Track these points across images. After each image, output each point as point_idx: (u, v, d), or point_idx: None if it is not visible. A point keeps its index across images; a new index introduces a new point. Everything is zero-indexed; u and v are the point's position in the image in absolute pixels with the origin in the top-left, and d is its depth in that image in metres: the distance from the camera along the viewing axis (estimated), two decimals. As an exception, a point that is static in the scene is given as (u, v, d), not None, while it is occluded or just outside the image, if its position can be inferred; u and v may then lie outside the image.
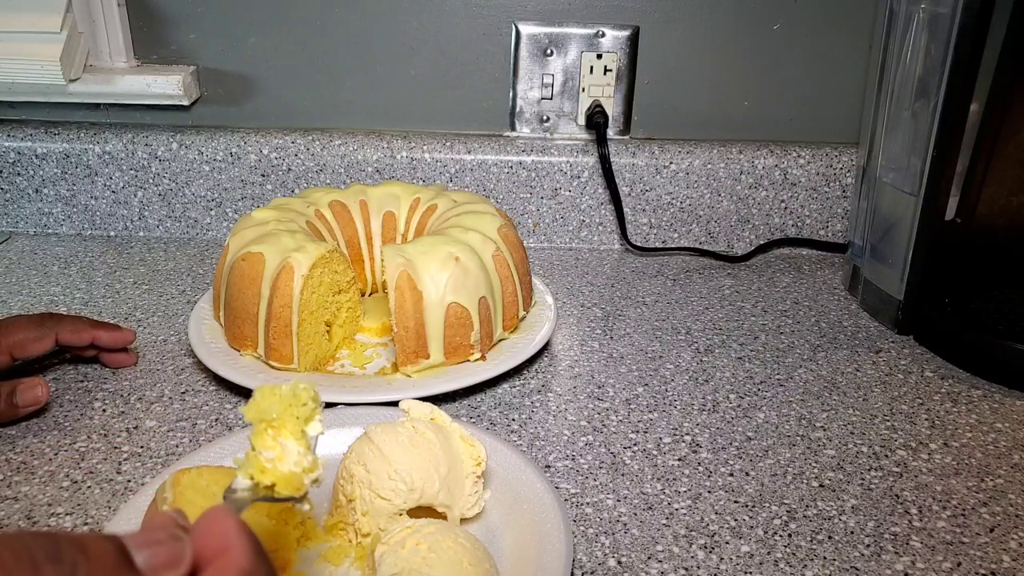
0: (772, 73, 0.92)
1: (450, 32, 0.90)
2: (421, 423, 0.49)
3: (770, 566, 0.48)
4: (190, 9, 0.89)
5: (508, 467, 0.52)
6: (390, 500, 0.46)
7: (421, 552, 0.41)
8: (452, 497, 0.47)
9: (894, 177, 0.76)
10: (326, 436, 0.52)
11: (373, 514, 0.46)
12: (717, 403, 0.65)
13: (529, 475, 0.51)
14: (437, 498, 0.47)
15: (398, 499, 0.46)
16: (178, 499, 0.42)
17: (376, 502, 0.46)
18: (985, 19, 0.66)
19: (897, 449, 0.60)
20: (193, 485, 0.43)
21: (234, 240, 0.67)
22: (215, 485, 0.44)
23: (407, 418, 0.50)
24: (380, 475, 0.46)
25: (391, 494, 0.46)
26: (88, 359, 0.68)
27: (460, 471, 0.48)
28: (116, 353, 0.67)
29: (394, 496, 0.46)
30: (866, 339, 0.76)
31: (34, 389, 0.58)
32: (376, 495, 0.46)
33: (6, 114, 0.93)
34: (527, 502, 0.49)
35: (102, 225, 0.94)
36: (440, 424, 0.49)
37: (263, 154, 0.91)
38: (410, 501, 0.46)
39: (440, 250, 0.63)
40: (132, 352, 0.68)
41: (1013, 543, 0.51)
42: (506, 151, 0.92)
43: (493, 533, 0.48)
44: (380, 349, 0.70)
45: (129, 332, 0.66)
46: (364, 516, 0.46)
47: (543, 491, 0.49)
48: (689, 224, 0.94)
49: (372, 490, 0.46)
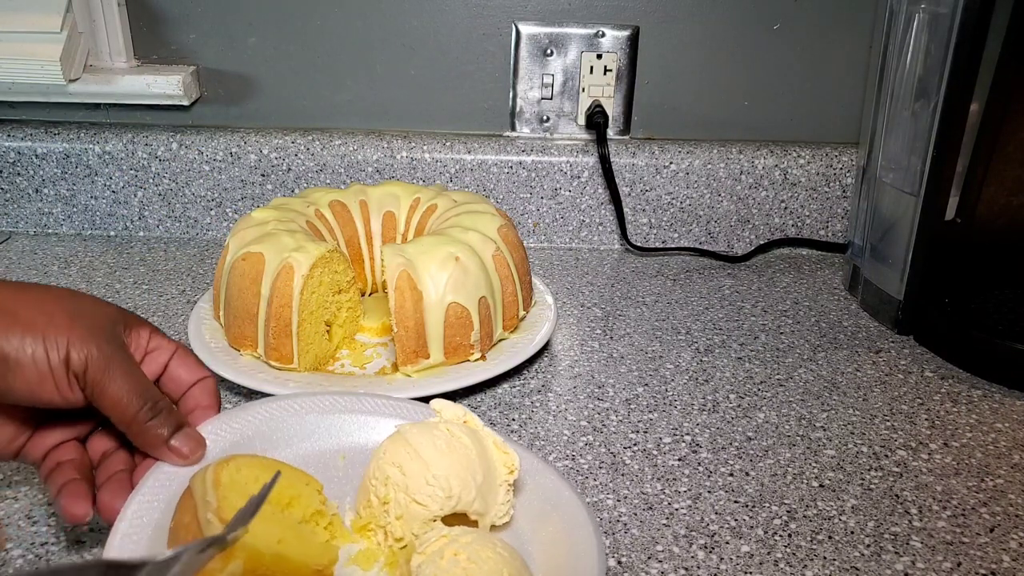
0: (772, 73, 0.92)
1: (450, 32, 0.90)
2: (456, 426, 0.47)
3: (770, 566, 0.48)
4: (190, 9, 0.89)
5: (533, 473, 0.50)
6: (426, 506, 0.45)
7: (461, 563, 0.39)
8: (486, 505, 0.46)
9: (894, 177, 0.76)
10: (352, 423, 0.53)
11: (408, 519, 0.45)
12: (717, 403, 0.65)
13: (556, 481, 0.49)
14: (472, 506, 0.45)
15: (435, 505, 0.45)
16: (222, 503, 0.40)
17: (412, 507, 0.45)
18: (985, 19, 0.66)
19: (897, 449, 0.60)
20: (234, 485, 0.41)
21: (234, 240, 0.67)
22: (254, 483, 0.42)
23: (439, 419, 0.48)
24: (417, 479, 0.45)
25: (428, 500, 0.45)
26: None
27: (494, 479, 0.47)
28: None
29: (431, 502, 0.45)
30: (866, 339, 0.76)
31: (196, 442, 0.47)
32: (412, 500, 0.45)
33: (6, 114, 0.93)
34: (556, 509, 0.47)
35: (102, 225, 0.94)
36: (473, 428, 0.48)
37: (263, 154, 0.91)
38: (447, 508, 0.45)
39: (440, 250, 0.63)
40: None
41: (1013, 543, 0.51)
42: (506, 151, 0.92)
43: (522, 541, 0.47)
44: (380, 349, 0.70)
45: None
46: (398, 520, 0.45)
47: (572, 499, 0.47)
48: (689, 224, 0.94)
49: (408, 494, 0.45)
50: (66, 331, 0.42)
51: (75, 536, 0.49)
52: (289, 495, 0.44)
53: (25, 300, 0.43)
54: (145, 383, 0.45)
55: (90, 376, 0.43)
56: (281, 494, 0.43)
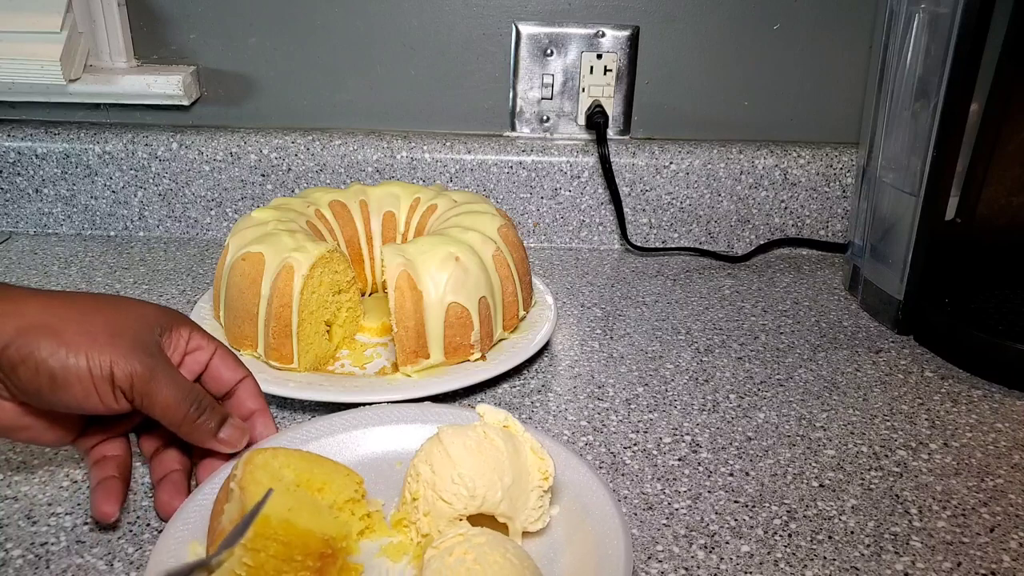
0: (772, 73, 0.92)
1: (450, 32, 0.90)
2: (492, 429, 0.48)
3: (770, 566, 0.48)
4: (190, 9, 0.89)
5: (580, 484, 0.50)
6: (451, 504, 0.45)
7: (467, 563, 0.40)
8: (514, 509, 0.46)
9: (894, 177, 0.76)
10: (394, 431, 0.55)
11: (434, 515, 0.46)
12: (717, 403, 0.65)
13: (599, 494, 0.48)
14: (499, 508, 0.46)
15: (459, 504, 0.45)
16: (246, 478, 0.42)
17: (438, 504, 0.46)
18: (985, 19, 0.66)
19: (897, 449, 0.60)
20: (265, 466, 0.44)
21: (234, 240, 0.67)
22: (287, 468, 0.45)
23: (480, 422, 0.49)
24: (444, 477, 0.46)
25: (453, 498, 0.45)
26: None
27: (525, 483, 0.47)
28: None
29: (455, 500, 0.45)
30: (866, 339, 0.76)
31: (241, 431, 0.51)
32: (439, 497, 0.46)
33: (6, 114, 0.93)
34: (593, 522, 0.47)
35: (102, 225, 0.94)
36: (512, 432, 0.49)
37: (263, 154, 0.91)
38: (471, 507, 0.46)
39: (440, 250, 0.63)
40: None
41: (1013, 543, 0.51)
42: (506, 151, 0.92)
43: (556, 550, 0.47)
44: (380, 349, 0.70)
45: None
46: (426, 516, 0.46)
47: (611, 513, 0.47)
48: (689, 224, 0.94)
49: (435, 491, 0.46)
50: (108, 349, 0.45)
51: (75, 536, 0.49)
52: (322, 480, 0.46)
53: (69, 317, 0.46)
54: (188, 386, 0.49)
55: (137, 389, 0.46)
56: (314, 478, 0.46)
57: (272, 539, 0.40)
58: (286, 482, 0.44)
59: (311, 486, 0.45)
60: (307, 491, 0.45)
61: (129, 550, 0.48)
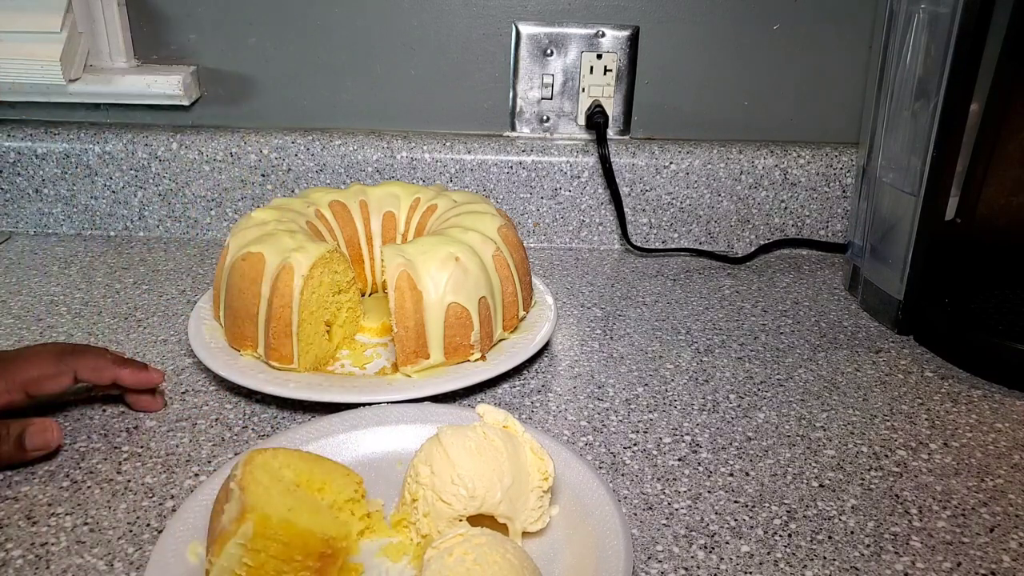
0: (772, 73, 0.92)
1: (450, 32, 0.91)
2: (492, 429, 0.48)
3: (770, 566, 0.48)
4: (190, 9, 0.89)
5: (580, 484, 0.50)
6: (451, 505, 0.46)
7: (466, 563, 0.40)
8: (514, 509, 0.46)
9: (894, 177, 0.76)
10: (394, 432, 0.56)
11: (434, 516, 0.46)
12: (717, 403, 0.65)
13: (599, 494, 0.49)
14: (498, 508, 0.46)
15: (459, 504, 0.46)
16: (246, 478, 0.42)
17: (437, 505, 0.46)
18: (985, 19, 0.66)
19: (897, 449, 0.60)
20: (265, 466, 0.44)
21: (234, 240, 0.67)
22: (287, 468, 0.45)
23: (480, 422, 0.49)
24: (444, 478, 0.46)
25: (452, 499, 0.46)
26: (113, 398, 0.62)
27: (525, 484, 0.47)
28: (142, 395, 0.61)
29: (455, 501, 0.46)
30: (866, 339, 0.76)
31: (45, 433, 0.55)
32: (438, 497, 0.46)
33: (6, 114, 0.93)
34: (593, 522, 0.47)
35: (102, 225, 0.94)
36: (512, 433, 0.49)
37: (263, 154, 0.91)
38: (470, 508, 0.46)
39: (440, 250, 0.63)
40: (159, 396, 0.62)
41: (1013, 543, 0.51)
42: (506, 151, 0.92)
43: (556, 550, 0.47)
44: (380, 349, 0.70)
45: (156, 373, 0.61)
46: (425, 517, 0.46)
47: (610, 513, 0.47)
48: (689, 224, 0.94)
49: (435, 492, 0.46)
50: None
51: (75, 536, 0.49)
52: (322, 480, 0.46)
53: None
54: None
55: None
56: (314, 478, 0.46)
57: (272, 539, 0.40)
58: (286, 482, 0.44)
59: (311, 486, 0.46)
60: (307, 491, 0.45)
61: (129, 550, 0.48)
